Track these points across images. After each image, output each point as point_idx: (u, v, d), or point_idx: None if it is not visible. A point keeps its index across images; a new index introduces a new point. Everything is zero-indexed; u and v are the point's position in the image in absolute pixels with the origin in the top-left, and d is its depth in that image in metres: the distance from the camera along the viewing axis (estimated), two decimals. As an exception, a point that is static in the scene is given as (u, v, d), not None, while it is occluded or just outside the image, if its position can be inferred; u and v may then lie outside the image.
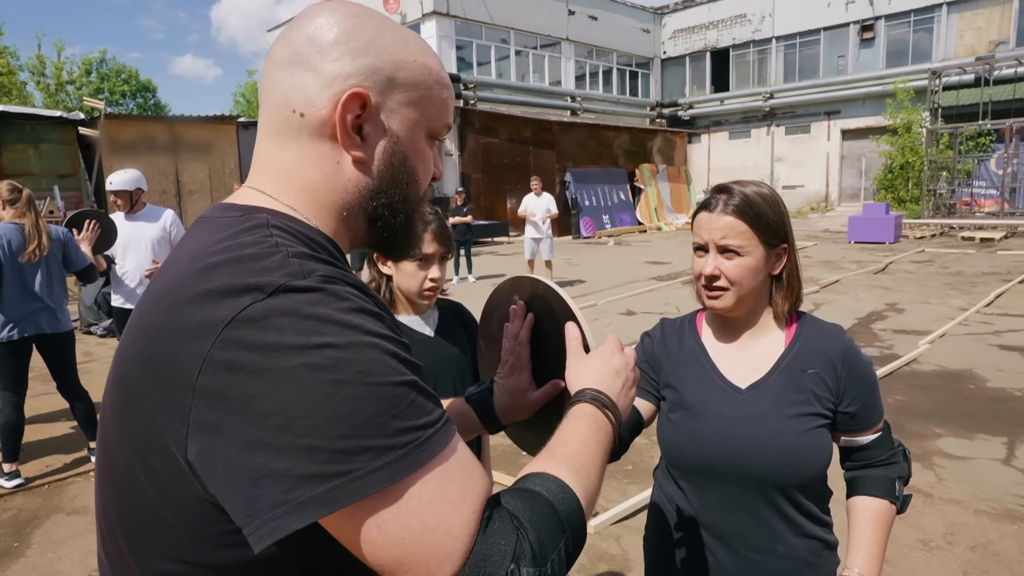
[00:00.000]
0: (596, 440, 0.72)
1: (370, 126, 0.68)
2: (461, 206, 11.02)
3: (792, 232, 1.27)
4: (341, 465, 0.51)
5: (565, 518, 0.61)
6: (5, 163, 12.74)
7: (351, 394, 0.53)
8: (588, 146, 20.40)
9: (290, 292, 0.55)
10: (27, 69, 33.61)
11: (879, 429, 1.26)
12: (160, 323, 0.58)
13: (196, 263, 0.60)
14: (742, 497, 1.21)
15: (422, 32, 20.71)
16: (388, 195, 0.72)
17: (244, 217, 0.65)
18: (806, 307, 6.06)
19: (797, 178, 24.51)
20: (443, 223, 1.65)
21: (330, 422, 0.52)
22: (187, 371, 0.54)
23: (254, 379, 0.52)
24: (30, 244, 3.70)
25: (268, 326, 0.53)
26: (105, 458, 0.64)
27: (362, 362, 0.54)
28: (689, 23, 27.06)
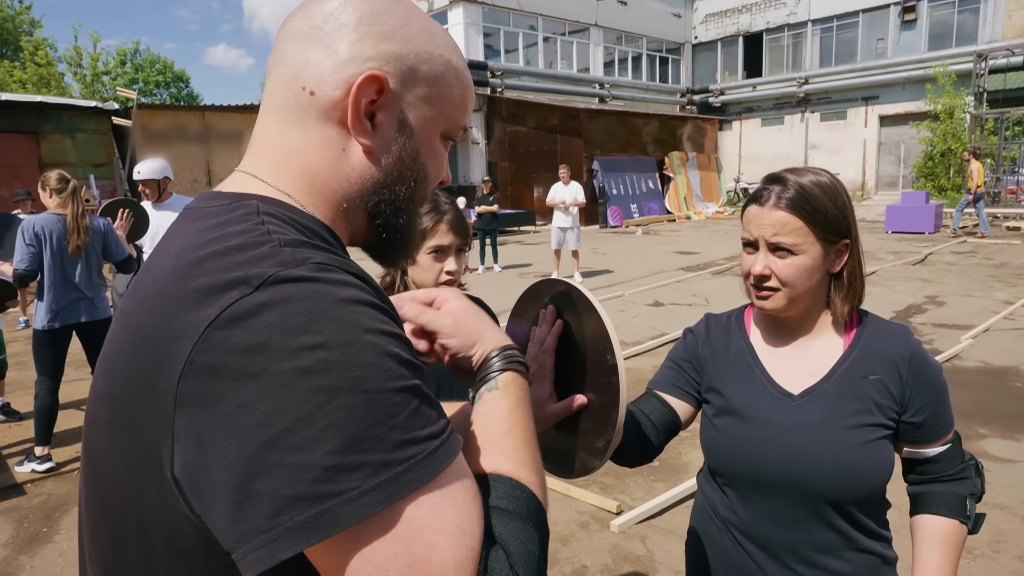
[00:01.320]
0: (527, 419, 0.65)
1: (384, 115, 0.63)
2: (487, 195, 10.95)
3: (856, 226, 1.14)
4: (333, 485, 0.45)
5: (539, 530, 0.56)
6: (43, 152, 13.04)
7: (345, 402, 0.46)
8: (616, 134, 20.12)
9: (280, 283, 0.49)
10: (65, 60, 34.39)
11: (948, 441, 1.14)
12: (144, 326, 0.53)
13: (181, 258, 0.54)
14: (792, 510, 1.12)
15: (449, 20, 20.60)
16: (393, 191, 0.66)
17: (232, 205, 0.59)
18: (841, 299, 5.81)
19: (832, 166, 23.83)
20: (460, 214, 1.58)
21: (322, 435, 0.45)
22: (169, 377, 0.48)
23: (239, 385, 0.46)
24: (71, 236, 3.75)
25: (255, 324, 0.47)
26: (94, 474, 0.59)
27: (359, 365, 0.48)
28: (721, 7, 26.45)
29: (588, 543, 2.91)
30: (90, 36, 49.90)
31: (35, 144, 13.01)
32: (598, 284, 9.49)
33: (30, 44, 32.95)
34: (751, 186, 23.56)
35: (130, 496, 0.53)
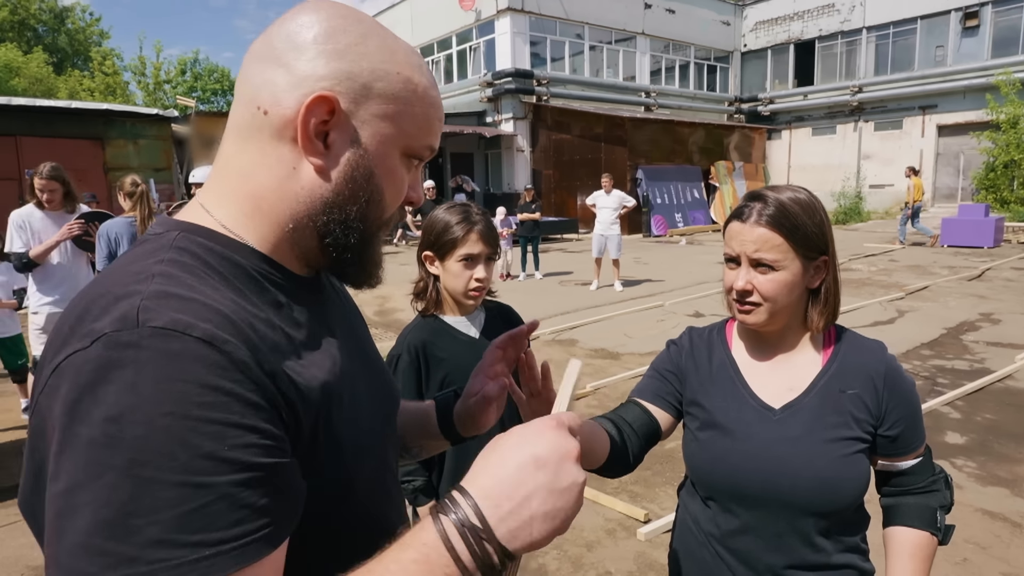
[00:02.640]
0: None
1: (336, 134, 0.63)
2: (529, 203, 11.02)
3: (833, 242, 1.16)
4: (78, 562, 0.45)
5: None
6: (108, 157, 13.71)
7: (112, 483, 0.45)
8: (661, 142, 19.96)
9: (108, 347, 0.48)
10: (130, 70, 36.05)
11: (920, 454, 1.17)
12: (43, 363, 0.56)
13: (80, 299, 0.56)
14: (772, 522, 1.14)
15: (496, 29, 20.83)
16: (343, 210, 0.65)
17: (157, 236, 0.62)
18: (888, 314, 5.72)
19: (886, 176, 23.13)
20: (490, 224, 1.64)
21: (83, 508, 0.45)
22: (37, 415, 0.53)
23: (53, 442, 0.48)
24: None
25: (70, 382, 0.48)
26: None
27: (142, 449, 0.46)
28: (772, 14, 25.99)
29: (614, 550, 2.93)
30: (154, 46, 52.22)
31: (101, 149, 13.69)
32: (638, 293, 9.44)
33: (99, 54, 34.71)
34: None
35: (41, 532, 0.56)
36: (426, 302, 1.67)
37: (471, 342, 1.67)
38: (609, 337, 7.01)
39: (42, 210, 4.25)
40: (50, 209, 4.25)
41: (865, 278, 10.32)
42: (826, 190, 22.98)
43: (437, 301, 1.67)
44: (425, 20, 23.81)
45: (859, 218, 20.65)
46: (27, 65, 27.85)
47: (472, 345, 1.67)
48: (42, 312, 4.35)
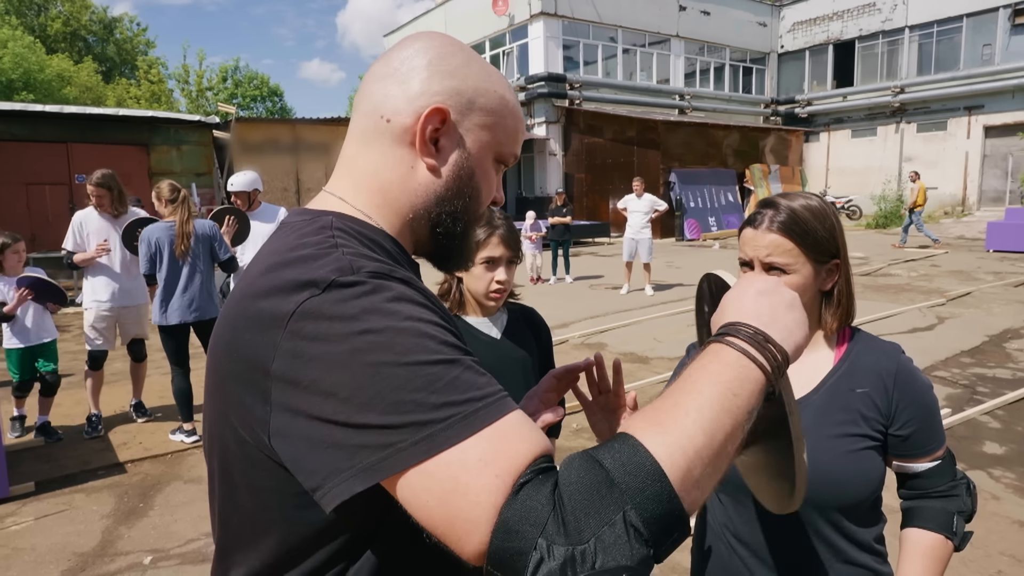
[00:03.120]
0: (715, 383, 0.59)
1: (446, 140, 0.76)
2: (561, 206, 11.04)
3: (845, 247, 1.21)
4: (388, 437, 0.56)
5: (624, 484, 0.52)
6: (152, 162, 14.19)
7: (390, 374, 0.57)
8: (695, 146, 19.77)
9: (339, 287, 0.62)
10: (174, 78, 37.17)
11: (938, 457, 1.17)
12: (240, 316, 0.66)
13: (268, 261, 0.69)
14: (783, 517, 1.15)
15: (529, 33, 20.92)
16: (452, 204, 0.78)
17: (311, 220, 0.73)
18: (927, 320, 5.60)
19: (930, 179, 22.44)
20: (512, 228, 1.69)
21: (375, 400, 0.57)
22: (264, 359, 0.62)
23: (313, 364, 0.59)
24: (177, 242, 4.21)
25: (321, 317, 0.60)
26: (210, 434, 0.74)
27: (399, 344, 0.59)
28: (810, 15, 25.53)
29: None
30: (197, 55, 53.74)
31: (146, 155, 14.18)
32: (669, 297, 9.38)
33: (145, 63, 35.88)
34: (839, 200, 22.53)
35: (236, 449, 0.68)
36: (450, 303, 1.72)
37: (492, 343, 1.72)
38: (639, 341, 6.99)
39: (99, 213, 4.57)
40: (102, 212, 4.52)
41: (904, 283, 10.07)
42: (866, 193, 22.46)
43: (460, 302, 1.73)
44: (459, 25, 24.03)
45: (900, 222, 20.05)
46: (78, 74, 28.97)
47: (493, 346, 1.71)
48: (92, 309, 4.59)
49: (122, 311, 4.69)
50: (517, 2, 20.92)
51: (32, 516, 3.46)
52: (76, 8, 34.71)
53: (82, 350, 4.89)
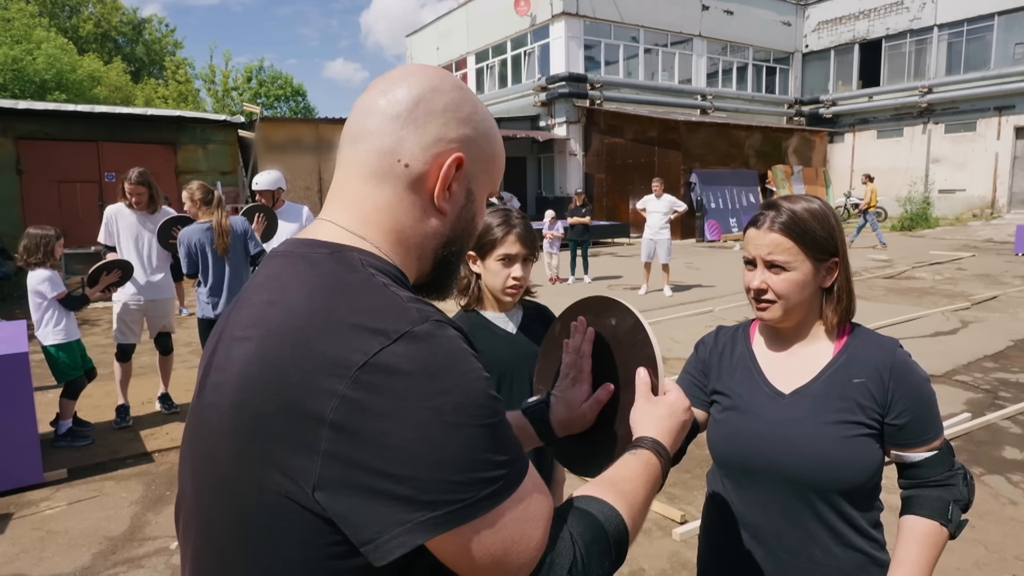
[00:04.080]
0: (650, 485, 0.82)
1: (457, 185, 0.79)
2: (580, 207, 11.06)
3: (844, 246, 1.27)
4: (458, 494, 0.61)
5: (614, 544, 0.72)
6: (179, 161, 14.47)
7: (468, 435, 0.62)
8: (717, 146, 19.64)
9: (413, 340, 0.63)
10: (201, 78, 37.81)
11: (935, 447, 1.22)
12: (288, 357, 0.63)
13: (314, 300, 0.66)
14: (781, 498, 1.24)
15: (551, 34, 20.94)
16: (458, 244, 0.82)
17: (336, 255, 0.72)
18: (951, 324, 5.56)
19: (957, 181, 22.11)
20: (528, 226, 1.75)
21: (451, 458, 0.61)
22: (320, 405, 0.60)
23: (383, 419, 0.60)
24: (218, 241, 4.38)
25: (396, 371, 0.61)
26: (210, 474, 0.70)
27: (474, 406, 0.63)
28: (836, 13, 25.20)
29: (648, 547, 2.99)
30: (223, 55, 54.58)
31: (173, 154, 14.46)
32: (688, 298, 9.37)
33: (172, 64, 36.55)
34: (863, 202, 22.23)
35: (254, 498, 0.64)
36: (468, 298, 1.79)
37: (508, 337, 1.78)
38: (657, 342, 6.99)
39: (130, 209, 4.71)
40: (137, 210, 4.68)
41: (928, 287, 9.94)
42: (891, 194, 22.13)
43: (478, 297, 1.79)
44: (481, 25, 24.13)
45: (926, 224, 19.79)
46: (108, 74, 29.59)
47: (509, 340, 1.78)
48: (122, 302, 4.74)
49: (150, 305, 4.84)
50: (539, 2, 20.95)
51: (65, 501, 3.60)
52: (107, 10, 35.45)
53: (111, 344, 5.03)
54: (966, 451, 4.01)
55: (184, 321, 8.24)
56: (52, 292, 4.14)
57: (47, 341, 4.18)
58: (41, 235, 4.20)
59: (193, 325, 5.20)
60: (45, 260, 4.20)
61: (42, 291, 4.14)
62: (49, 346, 4.19)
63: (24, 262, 4.21)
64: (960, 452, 3.99)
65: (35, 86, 23.04)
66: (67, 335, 4.24)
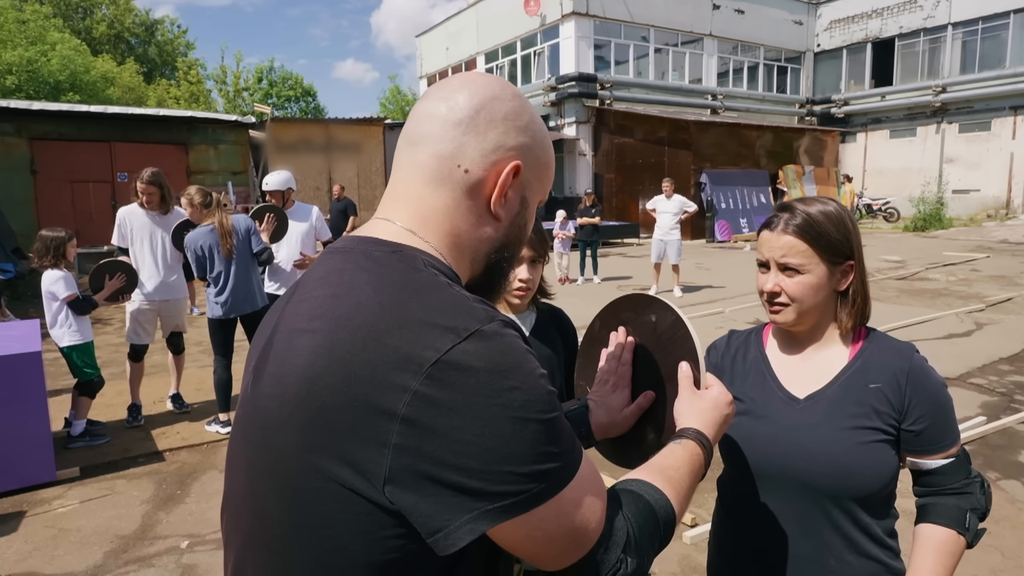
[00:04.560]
0: (694, 474, 0.86)
1: (513, 192, 0.81)
2: (590, 207, 11.03)
3: (860, 249, 1.25)
4: (524, 485, 0.64)
5: (664, 527, 0.76)
6: (191, 161, 14.57)
7: (534, 429, 0.64)
8: (727, 146, 19.54)
9: (483, 338, 0.65)
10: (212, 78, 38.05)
11: (952, 455, 1.20)
12: (358, 351, 0.64)
13: (383, 296, 0.67)
14: (794, 504, 1.22)
15: (560, 33, 20.91)
16: (509, 250, 0.83)
17: (399, 254, 0.73)
18: (965, 326, 5.49)
19: (971, 181, 21.88)
20: (538, 227, 1.72)
21: (518, 451, 0.63)
22: (391, 400, 0.62)
23: (454, 414, 0.62)
24: (222, 242, 4.41)
25: (468, 369, 0.63)
26: (265, 468, 0.70)
27: (539, 402, 0.65)
28: (848, 12, 25.00)
29: (660, 551, 2.96)
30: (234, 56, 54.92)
31: (184, 154, 14.56)
32: (698, 300, 9.32)
33: (184, 64, 36.80)
34: (875, 202, 22.05)
35: (318, 485, 0.65)
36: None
37: (521, 340, 1.76)
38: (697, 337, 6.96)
39: (143, 209, 4.74)
40: (149, 210, 4.71)
41: (942, 288, 9.84)
42: (904, 195, 21.94)
43: (491, 300, 1.77)
44: (490, 26, 24.13)
45: (940, 225, 19.59)
46: (121, 75, 29.85)
47: (522, 343, 1.76)
48: (136, 303, 4.77)
49: (163, 305, 4.87)
50: (549, 2, 20.93)
51: (78, 500, 3.62)
52: (120, 11, 35.75)
53: (124, 343, 5.07)
54: (981, 455, 3.96)
55: (195, 320, 8.29)
56: (64, 293, 4.17)
57: (63, 343, 4.21)
58: (53, 237, 4.23)
59: (204, 324, 5.27)
60: (58, 261, 4.23)
61: (55, 292, 4.17)
62: (65, 347, 4.22)
63: (38, 263, 4.25)
64: (975, 456, 3.94)
65: (49, 87, 23.26)
66: (82, 336, 4.27)
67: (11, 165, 12.92)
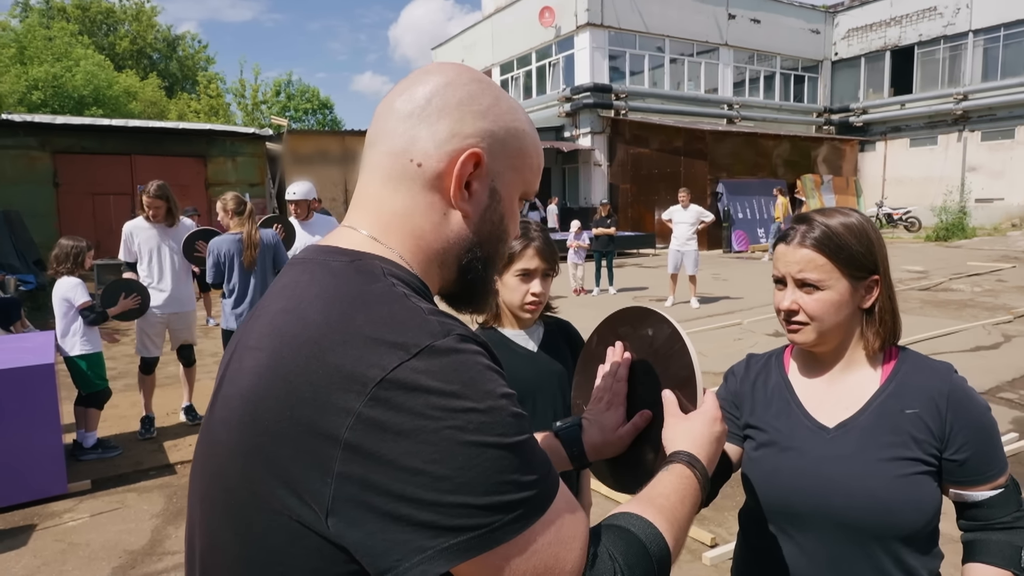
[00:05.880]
0: (690, 501, 0.78)
1: (478, 184, 0.73)
2: (605, 217, 10.95)
3: (886, 263, 1.15)
4: (483, 518, 0.56)
5: (657, 562, 0.67)
6: (209, 173, 14.74)
7: (493, 455, 0.57)
8: (744, 156, 19.39)
9: (434, 354, 0.58)
10: (231, 92, 38.63)
11: (1000, 485, 1.09)
12: (301, 371, 0.59)
13: (331, 311, 0.61)
14: (828, 545, 1.10)
15: (575, 44, 20.95)
16: (484, 249, 0.75)
17: (357, 263, 0.67)
18: (992, 339, 5.32)
19: (995, 190, 21.50)
20: (548, 240, 1.67)
21: (476, 480, 0.56)
22: (334, 424, 0.56)
23: (402, 439, 0.55)
24: (245, 252, 4.41)
25: (417, 388, 0.56)
26: (216, 492, 0.65)
27: (499, 424, 0.58)
28: (866, 20, 24.80)
29: (677, 572, 2.86)
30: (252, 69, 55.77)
31: (203, 166, 14.74)
32: (716, 311, 9.19)
33: (204, 78, 37.42)
34: (896, 211, 21.73)
35: (262, 518, 0.60)
36: (485, 314, 1.71)
37: (529, 355, 1.70)
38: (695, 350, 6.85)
39: (148, 223, 4.71)
40: (155, 222, 4.70)
41: (967, 299, 9.61)
42: (925, 204, 21.61)
43: (496, 314, 1.71)
44: (506, 38, 24.25)
45: (963, 234, 19.24)
46: (143, 90, 30.38)
47: (530, 359, 1.69)
48: (145, 315, 4.76)
49: (173, 317, 4.86)
50: (564, 14, 20.99)
51: (88, 513, 3.60)
52: (143, 27, 36.47)
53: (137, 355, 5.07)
54: (1012, 473, 3.81)
55: (211, 331, 8.32)
56: (80, 300, 4.18)
57: (73, 352, 4.21)
58: (72, 245, 4.25)
59: (219, 335, 5.29)
60: (74, 270, 4.25)
61: (69, 298, 4.18)
62: (74, 356, 4.22)
63: (54, 271, 4.27)
64: (1007, 474, 3.79)
65: (73, 102, 23.73)
66: (92, 346, 4.27)
67: (35, 178, 13.15)
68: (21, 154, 13.01)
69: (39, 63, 23.60)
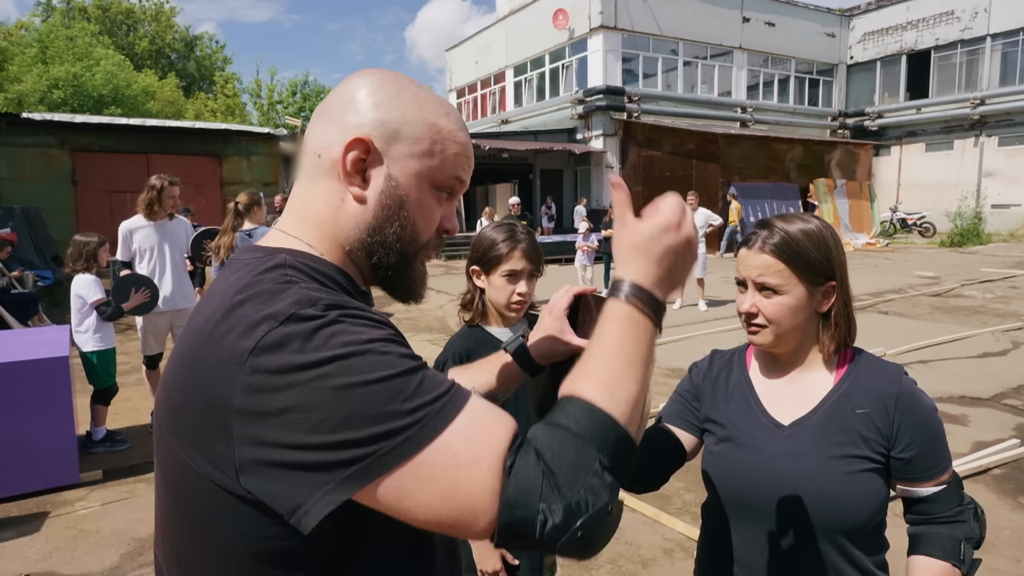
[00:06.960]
0: (632, 341, 0.70)
1: (373, 170, 0.78)
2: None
3: (844, 269, 1.20)
4: (367, 447, 0.61)
5: (593, 440, 0.62)
6: (224, 172, 14.94)
7: (362, 392, 0.62)
8: (756, 159, 19.32)
9: (298, 320, 0.65)
10: (247, 92, 39.03)
11: (943, 481, 1.15)
12: (198, 355, 0.68)
13: (224, 300, 0.70)
14: (779, 537, 1.16)
15: (588, 47, 20.98)
16: (383, 233, 0.79)
17: (265, 257, 0.75)
18: (1001, 345, 5.30)
19: (1012, 196, 21.24)
20: (534, 242, 1.74)
21: (351, 418, 0.61)
22: (225, 395, 0.64)
23: (279, 394, 0.62)
24: (216, 258, 4.44)
25: (283, 348, 0.63)
26: (161, 470, 0.75)
27: (365, 364, 0.63)
28: (882, 24, 24.61)
29: (669, 569, 2.91)
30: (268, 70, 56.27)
31: (218, 165, 14.95)
32: (723, 313, 9.19)
33: (221, 78, 37.84)
34: (910, 216, 21.54)
35: (191, 486, 0.69)
36: (472, 313, 1.78)
37: (514, 353, 1.77)
38: (690, 357, 6.83)
39: (146, 220, 4.72)
40: (155, 219, 4.71)
41: (978, 305, 9.54)
42: (940, 209, 21.41)
43: (483, 313, 1.78)
44: (519, 40, 24.32)
45: (978, 240, 19.04)
46: (161, 89, 30.80)
47: (515, 356, 1.76)
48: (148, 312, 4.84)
49: (175, 314, 4.88)
50: (577, 16, 21.03)
51: (99, 502, 3.71)
52: (162, 27, 36.98)
53: (150, 349, 5.18)
54: (1013, 479, 3.82)
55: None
56: (94, 297, 4.29)
57: (86, 347, 4.33)
58: (85, 242, 4.36)
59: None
60: (89, 266, 4.36)
61: (83, 295, 4.29)
62: (88, 352, 4.34)
63: (70, 268, 4.38)
64: (1007, 480, 3.80)
65: (93, 101, 24.12)
66: (105, 342, 4.38)
67: (54, 176, 13.39)
68: (41, 152, 13.28)
69: (60, 62, 24.02)
